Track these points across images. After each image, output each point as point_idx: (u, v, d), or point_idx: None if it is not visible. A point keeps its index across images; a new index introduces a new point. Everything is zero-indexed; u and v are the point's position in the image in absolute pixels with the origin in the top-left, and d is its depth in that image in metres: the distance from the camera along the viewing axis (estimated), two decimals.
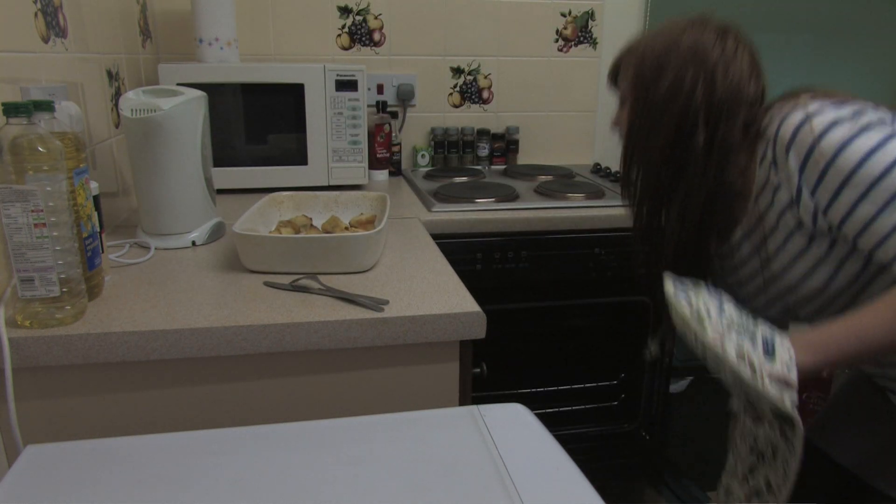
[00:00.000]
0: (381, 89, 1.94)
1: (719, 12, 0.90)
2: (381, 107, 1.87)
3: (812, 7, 2.23)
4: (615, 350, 1.83)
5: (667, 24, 0.92)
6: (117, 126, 1.39)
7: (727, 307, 0.80)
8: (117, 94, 1.39)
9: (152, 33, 1.71)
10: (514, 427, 0.72)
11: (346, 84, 1.60)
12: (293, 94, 1.58)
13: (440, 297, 0.98)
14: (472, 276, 1.42)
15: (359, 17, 1.89)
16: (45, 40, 1.06)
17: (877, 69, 2.33)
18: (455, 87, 2.01)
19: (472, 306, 0.96)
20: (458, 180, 1.82)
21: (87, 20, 1.23)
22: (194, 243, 1.20)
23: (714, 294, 0.82)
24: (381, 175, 1.87)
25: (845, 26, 2.26)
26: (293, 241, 1.06)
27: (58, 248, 0.82)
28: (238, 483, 0.61)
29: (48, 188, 0.80)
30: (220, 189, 1.43)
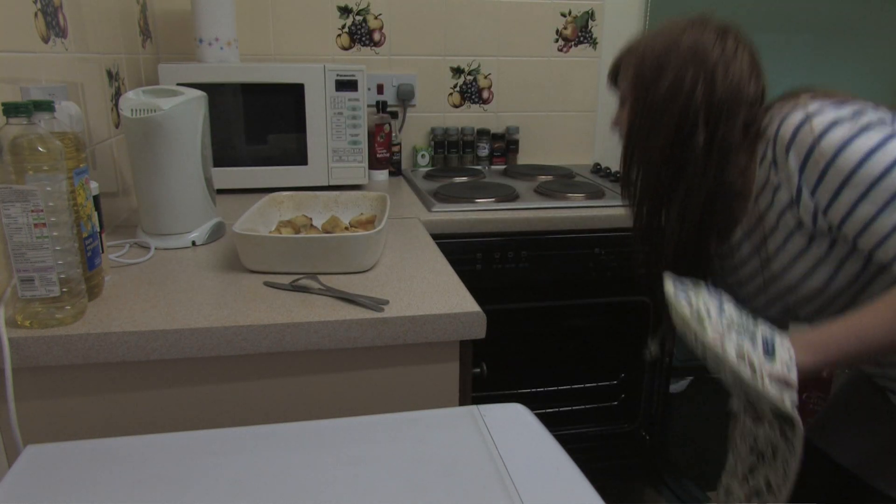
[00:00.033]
0: (381, 89, 1.94)
1: (719, 12, 0.90)
2: (381, 107, 1.87)
3: (812, 7, 2.23)
4: (615, 350, 1.83)
5: (667, 24, 0.92)
6: (117, 126, 1.39)
7: (727, 307, 0.80)
8: (117, 94, 1.39)
9: (152, 33, 1.71)
10: (514, 427, 0.72)
11: (346, 84, 1.60)
12: (293, 94, 1.58)
13: (440, 297, 0.98)
14: (472, 276, 1.42)
15: (359, 17, 1.89)
16: (45, 40, 1.06)
17: (877, 69, 2.33)
18: (455, 87, 2.01)
19: (472, 306, 0.96)
20: (458, 180, 1.82)
21: (87, 20, 1.23)
22: (194, 243, 1.20)
23: (714, 294, 0.82)
24: (381, 175, 1.87)
25: (845, 26, 2.26)
26: (293, 241, 1.06)
27: (58, 248, 0.82)
28: (238, 483, 0.61)
29: (48, 188, 0.80)
30: (220, 189, 1.43)
